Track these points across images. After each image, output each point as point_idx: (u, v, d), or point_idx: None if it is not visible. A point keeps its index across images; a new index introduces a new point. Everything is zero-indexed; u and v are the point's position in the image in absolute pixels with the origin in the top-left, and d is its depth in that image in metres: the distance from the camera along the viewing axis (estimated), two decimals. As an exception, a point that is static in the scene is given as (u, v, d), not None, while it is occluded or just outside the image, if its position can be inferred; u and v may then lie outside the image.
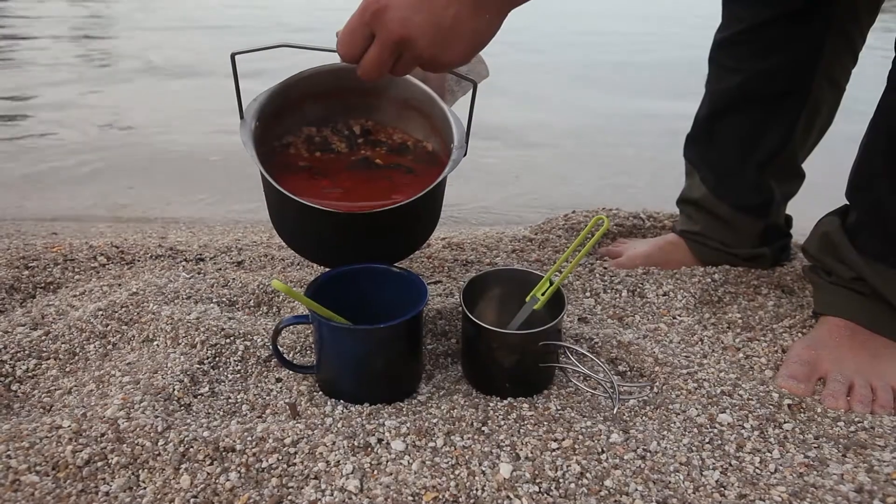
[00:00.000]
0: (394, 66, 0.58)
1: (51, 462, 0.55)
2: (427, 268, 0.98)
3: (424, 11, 0.53)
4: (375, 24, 0.55)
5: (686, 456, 0.59)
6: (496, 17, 0.55)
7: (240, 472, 0.55)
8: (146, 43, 3.00)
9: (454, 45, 0.55)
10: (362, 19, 0.55)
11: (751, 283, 0.93)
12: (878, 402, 0.69)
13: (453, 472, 0.55)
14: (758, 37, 0.87)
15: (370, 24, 0.55)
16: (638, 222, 1.15)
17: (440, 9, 0.52)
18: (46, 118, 1.92)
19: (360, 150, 0.75)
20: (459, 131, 0.73)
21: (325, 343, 0.65)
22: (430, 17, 0.53)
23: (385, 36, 0.55)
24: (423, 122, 0.79)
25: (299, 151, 0.74)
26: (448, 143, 0.74)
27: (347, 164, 0.73)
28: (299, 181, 0.70)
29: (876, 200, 0.74)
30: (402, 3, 0.53)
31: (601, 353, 0.75)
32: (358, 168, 0.72)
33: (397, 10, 0.53)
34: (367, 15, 0.54)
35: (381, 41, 0.55)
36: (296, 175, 0.71)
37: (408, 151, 0.76)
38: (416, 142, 0.78)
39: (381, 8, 0.53)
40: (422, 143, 0.78)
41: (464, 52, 0.56)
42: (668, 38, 3.44)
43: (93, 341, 0.75)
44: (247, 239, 1.11)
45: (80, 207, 1.39)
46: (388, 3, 0.53)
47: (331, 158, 0.74)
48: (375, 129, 0.79)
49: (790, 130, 0.89)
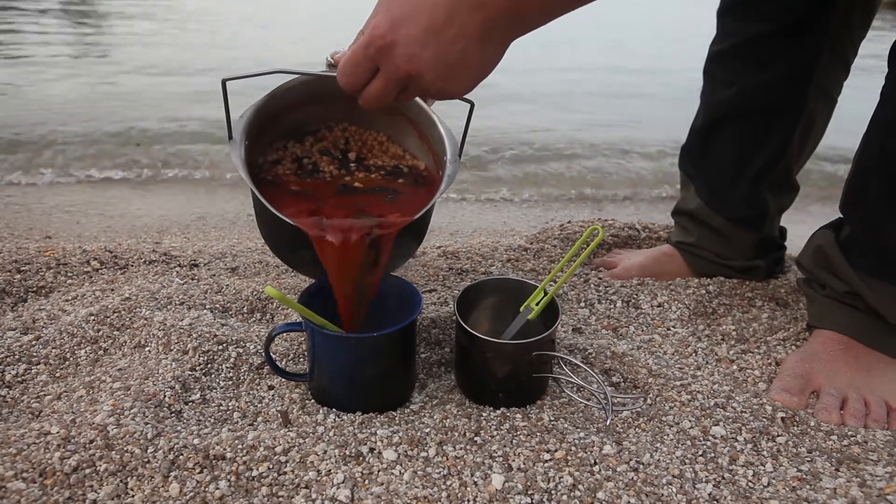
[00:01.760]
0: (397, 96, 0.57)
1: (38, 469, 0.54)
2: (422, 276, 0.98)
3: (432, 47, 0.51)
4: (381, 59, 0.53)
5: (679, 468, 0.58)
6: (501, 48, 0.54)
7: (230, 480, 0.55)
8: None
9: (460, 78, 0.54)
10: (367, 53, 0.53)
11: (745, 295, 0.93)
12: (872, 417, 0.69)
13: (445, 483, 0.55)
14: (753, 50, 0.87)
15: (375, 59, 0.54)
16: (633, 233, 1.16)
17: (447, 44, 0.51)
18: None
19: (354, 174, 0.74)
20: (451, 143, 0.72)
21: (317, 351, 0.64)
22: (438, 53, 0.52)
23: (391, 71, 0.54)
24: (410, 129, 0.77)
25: (289, 178, 0.72)
26: (438, 151, 0.74)
27: (334, 190, 0.71)
28: (289, 199, 0.68)
29: (869, 215, 0.75)
30: (408, 40, 0.52)
31: (595, 364, 0.74)
32: (341, 195, 0.70)
33: (404, 47, 0.52)
34: (373, 50, 0.53)
35: (387, 75, 0.54)
36: (286, 193, 0.70)
37: (402, 175, 0.75)
38: (412, 163, 0.77)
39: (388, 44, 0.52)
40: (417, 165, 0.76)
41: (470, 83, 0.55)
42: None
43: (84, 346, 0.74)
44: (241, 245, 1.11)
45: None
46: (395, 38, 0.52)
47: (320, 182, 0.72)
48: (369, 154, 0.77)
49: (785, 143, 0.90)
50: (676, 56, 3.23)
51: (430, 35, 0.51)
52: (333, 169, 0.73)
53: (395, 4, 0.52)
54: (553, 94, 2.60)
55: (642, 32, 4.32)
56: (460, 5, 0.50)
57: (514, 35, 0.53)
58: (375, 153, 0.77)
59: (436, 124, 0.74)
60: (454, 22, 0.50)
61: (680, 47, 3.61)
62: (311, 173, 0.72)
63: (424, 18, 0.51)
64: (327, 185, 0.71)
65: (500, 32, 0.52)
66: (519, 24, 0.52)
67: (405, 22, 0.51)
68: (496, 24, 0.51)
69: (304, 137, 0.76)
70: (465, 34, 0.51)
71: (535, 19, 0.52)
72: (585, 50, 3.47)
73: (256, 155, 0.72)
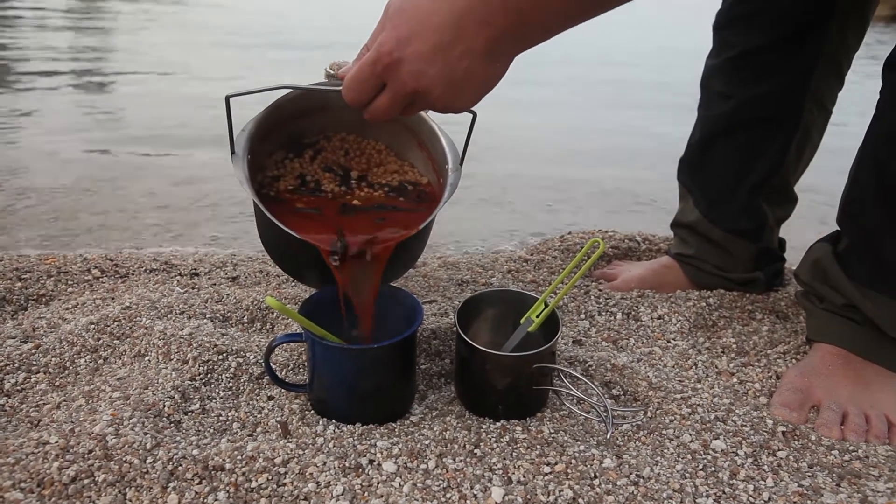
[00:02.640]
0: (402, 110, 0.58)
1: (36, 479, 0.54)
2: (422, 287, 0.98)
3: (439, 64, 0.52)
4: (388, 76, 0.54)
5: (679, 482, 0.58)
6: (505, 64, 0.55)
7: (228, 491, 0.54)
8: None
9: (466, 93, 0.55)
10: (374, 70, 0.54)
11: (745, 307, 0.93)
12: (873, 432, 0.68)
13: (444, 496, 0.55)
14: (750, 63, 0.88)
15: (382, 76, 0.54)
16: (633, 245, 1.16)
17: (454, 61, 0.52)
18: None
19: (355, 192, 0.74)
20: (452, 151, 0.72)
21: (318, 362, 0.64)
22: (445, 70, 0.52)
23: (398, 88, 0.54)
24: (409, 137, 0.78)
25: (292, 196, 0.72)
26: (439, 160, 0.74)
27: (336, 209, 0.71)
28: (294, 217, 0.68)
29: (866, 227, 0.75)
30: (415, 57, 0.52)
31: (595, 377, 0.74)
32: (341, 214, 0.70)
33: (411, 64, 0.52)
34: (379, 67, 0.54)
35: (394, 92, 0.55)
36: (290, 210, 0.69)
37: (405, 193, 0.75)
38: (416, 180, 0.76)
39: (395, 61, 0.53)
40: (420, 181, 0.76)
41: (474, 98, 0.56)
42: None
43: (84, 355, 0.74)
44: (242, 254, 1.11)
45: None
46: (402, 56, 0.52)
47: (322, 200, 0.73)
48: (371, 171, 0.77)
49: (782, 154, 0.90)
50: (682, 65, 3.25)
51: (438, 53, 0.52)
52: (335, 187, 0.73)
53: (401, 22, 0.52)
54: (552, 102, 2.62)
55: (643, 44, 4.34)
56: (467, 23, 0.50)
57: (518, 51, 0.54)
58: (378, 172, 0.77)
59: (436, 133, 0.74)
60: (461, 40, 0.51)
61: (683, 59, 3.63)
62: (314, 191, 0.73)
63: (432, 36, 0.51)
64: (330, 202, 0.72)
65: (504, 49, 0.53)
66: (522, 40, 0.53)
67: (412, 39, 0.52)
68: (501, 41, 0.52)
69: (303, 151, 0.77)
70: (472, 51, 0.52)
71: (537, 35, 0.53)
72: (585, 55, 3.50)
73: (257, 167, 0.73)
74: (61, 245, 1.17)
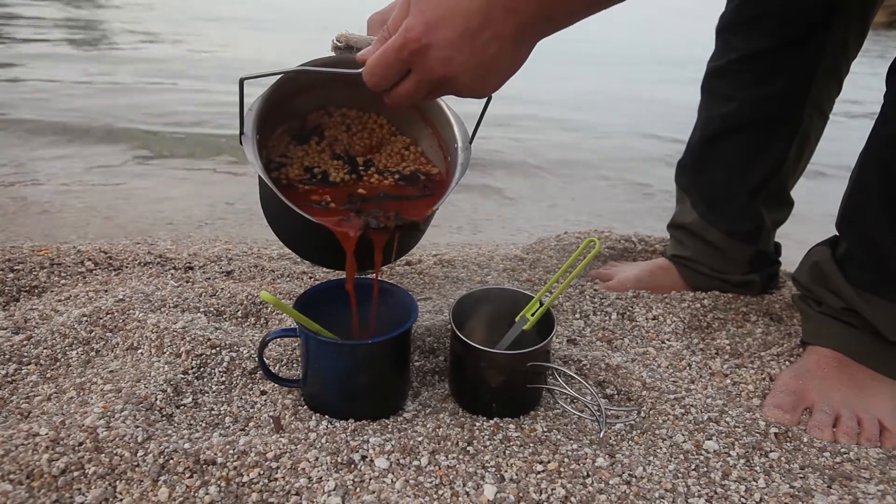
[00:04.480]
0: (426, 95, 0.57)
1: (25, 470, 0.54)
2: (417, 284, 0.98)
3: (467, 51, 0.52)
4: (415, 62, 0.54)
5: (671, 482, 0.58)
6: (529, 48, 0.55)
7: (220, 486, 0.54)
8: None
9: (492, 79, 0.55)
10: (400, 55, 0.54)
11: (740, 309, 0.93)
12: (865, 435, 0.69)
13: (437, 492, 0.55)
14: (752, 66, 0.88)
15: (408, 62, 0.54)
16: (629, 245, 1.16)
17: (482, 47, 0.52)
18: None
19: (364, 180, 0.73)
20: (461, 128, 0.71)
21: (311, 357, 0.64)
22: (472, 56, 0.52)
23: (425, 74, 0.54)
24: (412, 111, 0.76)
25: (304, 186, 0.71)
26: (445, 137, 0.72)
27: (343, 203, 0.71)
28: (304, 203, 0.68)
29: (866, 232, 0.75)
30: (444, 43, 0.52)
31: (589, 376, 0.74)
32: (349, 207, 0.70)
33: (439, 50, 0.52)
34: (406, 53, 0.53)
35: (420, 78, 0.55)
36: (301, 196, 0.69)
37: (417, 182, 0.73)
38: (427, 170, 0.75)
39: (423, 47, 0.52)
40: (430, 171, 0.75)
41: (499, 83, 0.56)
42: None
43: (76, 347, 0.74)
44: (237, 249, 1.10)
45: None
46: (430, 42, 0.52)
47: (335, 190, 0.72)
48: (378, 155, 0.76)
49: (781, 158, 0.91)
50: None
51: (466, 39, 0.51)
52: (344, 175, 0.73)
53: (428, 7, 0.51)
54: (553, 101, 2.62)
55: (645, 48, 4.35)
56: (495, 9, 0.50)
57: (543, 35, 0.54)
58: (385, 155, 0.76)
59: (442, 108, 0.73)
60: (489, 26, 0.51)
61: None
62: (323, 182, 0.72)
63: (460, 22, 0.51)
64: (339, 190, 0.71)
65: (530, 34, 0.53)
66: (548, 25, 0.53)
67: (441, 25, 0.51)
68: (528, 27, 0.52)
69: (308, 138, 0.76)
70: (500, 37, 0.51)
71: (563, 20, 0.53)
72: (583, 56, 3.50)
73: (262, 145, 0.72)
74: (49, 238, 1.16)
